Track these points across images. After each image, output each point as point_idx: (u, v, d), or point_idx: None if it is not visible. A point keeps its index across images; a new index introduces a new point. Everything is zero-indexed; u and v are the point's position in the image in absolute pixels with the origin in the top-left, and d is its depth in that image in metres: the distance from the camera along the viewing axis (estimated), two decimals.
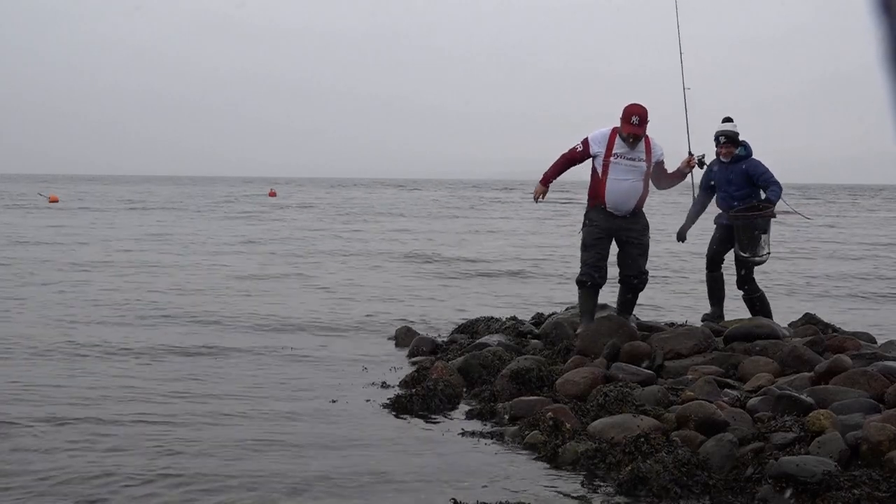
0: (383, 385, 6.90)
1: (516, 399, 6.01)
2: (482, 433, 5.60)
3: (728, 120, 7.95)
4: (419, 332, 8.71)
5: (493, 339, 7.52)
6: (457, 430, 5.69)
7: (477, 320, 8.77)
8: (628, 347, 6.65)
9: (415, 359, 7.82)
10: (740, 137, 7.86)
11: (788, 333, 7.34)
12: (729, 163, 7.85)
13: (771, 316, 7.83)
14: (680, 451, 4.62)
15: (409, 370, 7.26)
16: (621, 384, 5.79)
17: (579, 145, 7.23)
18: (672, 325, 7.89)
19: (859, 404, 5.06)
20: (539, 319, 8.71)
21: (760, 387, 5.75)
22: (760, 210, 7.67)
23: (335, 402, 6.38)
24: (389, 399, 6.29)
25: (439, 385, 6.30)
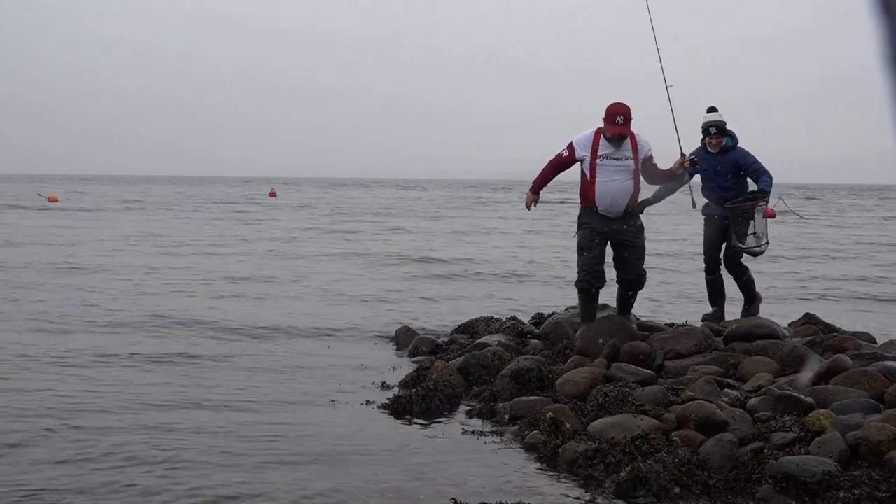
0: (383, 385, 6.90)
1: (516, 399, 6.01)
2: (482, 433, 5.60)
3: (713, 110, 7.88)
4: (419, 333, 8.72)
5: (493, 339, 7.53)
6: (457, 431, 5.69)
7: (477, 320, 8.77)
8: (628, 347, 6.65)
9: (415, 359, 7.82)
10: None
11: (788, 333, 7.34)
12: (717, 153, 7.81)
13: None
14: (680, 451, 4.62)
15: (409, 370, 7.26)
16: (621, 384, 5.80)
17: (565, 150, 7.17)
18: (672, 325, 7.89)
19: (859, 404, 5.06)
20: (539, 319, 8.72)
21: (760, 387, 5.76)
22: (755, 201, 7.68)
23: (335, 402, 6.38)
24: (389, 399, 6.29)
25: (439, 385, 6.30)
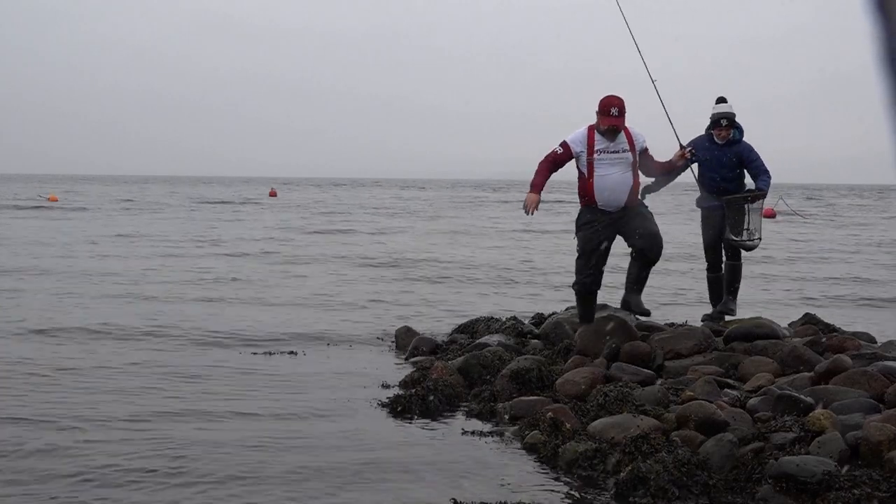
0: (383, 385, 6.90)
1: (516, 399, 6.01)
2: (482, 433, 5.60)
3: (723, 100, 7.82)
4: (419, 333, 8.71)
5: (493, 339, 7.52)
6: (457, 430, 5.69)
7: (477, 320, 8.76)
8: (628, 347, 6.65)
9: (415, 359, 7.81)
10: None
11: (788, 333, 7.34)
12: (723, 145, 7.80)
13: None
14: (680, 451, 4.61)
15: (409, 370, 7.26)
16: (621, 384, 5.79)
17: (559, 147, 7.05)
18: (672, 325, 7.89)
19: (859, 404, 5.06)
20: (539, 319, 8.71)
21: (760, 387, 5.75)
22: (753, 199, 7.68)
23: (335, 402, 6.38)
24: (389, 399, 6.29)
25: (439, 385, 6.30)
